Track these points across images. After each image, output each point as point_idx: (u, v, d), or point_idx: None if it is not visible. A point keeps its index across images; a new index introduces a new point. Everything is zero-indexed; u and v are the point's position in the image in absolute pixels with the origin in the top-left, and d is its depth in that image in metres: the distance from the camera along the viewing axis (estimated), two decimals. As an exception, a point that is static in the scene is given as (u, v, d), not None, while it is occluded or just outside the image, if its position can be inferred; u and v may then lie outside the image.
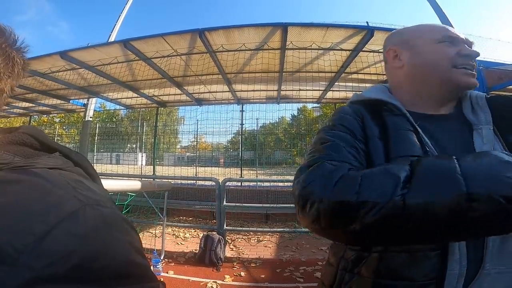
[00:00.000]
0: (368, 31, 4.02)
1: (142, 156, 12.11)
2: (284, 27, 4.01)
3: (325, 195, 0.48)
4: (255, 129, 9.46)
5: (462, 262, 0.53)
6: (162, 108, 8.65)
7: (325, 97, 7.05)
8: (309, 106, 17.47)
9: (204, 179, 6.59)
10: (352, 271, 0.62)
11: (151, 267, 2.81)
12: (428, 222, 0.41)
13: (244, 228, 4.64)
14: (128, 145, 13.87)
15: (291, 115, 17.68)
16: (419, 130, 0.63)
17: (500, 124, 0.65)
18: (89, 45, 4.72)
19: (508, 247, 0.54)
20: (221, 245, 3.45)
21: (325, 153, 0.59)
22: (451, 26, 5.91)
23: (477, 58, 0.70)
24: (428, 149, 0.60)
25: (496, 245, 0.53)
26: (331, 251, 0.73)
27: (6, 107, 8.44)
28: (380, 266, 0.58)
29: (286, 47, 4.45)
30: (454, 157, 0.44)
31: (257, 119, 8.76)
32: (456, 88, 0.68)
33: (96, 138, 10.34)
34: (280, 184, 6.99)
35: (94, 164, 9.28)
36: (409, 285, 0.54)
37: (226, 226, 3.99)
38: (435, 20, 6.47)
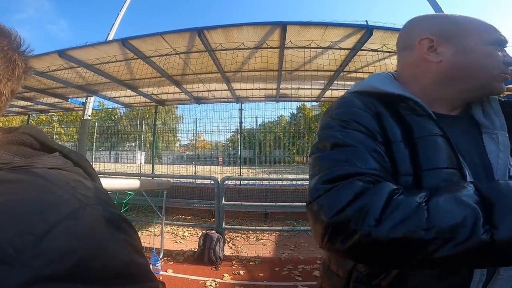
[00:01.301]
0: (367, 30, 4.01)
1: (141, 155, 12.10)
2: (283, 26, 4.00)
3: (374, 230, 0.41)
4: (254, 127, 9.46)
5: (483, 270, 0.52)
6: (161, 107, 8.64)
7: (324, 95, 7.04)
8: (308, 104, 17.51)
9: (203, 177, 6.61)
10: (369, 284, 0.57)
11: (150, 266, 2.82)
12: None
13: (243, 227, 4.64)
14: (127, 144, 13.85)
15: (290, 113, 17.66)
16: (448, 135, 0.55)
17: (510, 130, 0.61)
18: (87, 43, 4.71)
19: None
20: (220, 243, 3.45)
21: (348, 163, 0.50)
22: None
23: None
24: (459, 158, 0.54)
25: None
26: (333, 260, 0.68)
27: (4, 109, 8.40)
28: (402, 280, 0.53)
29: (285, 45, 4.44)
30: None
31: (256, 117, 8.77)
32: (490, 93, 0.63)
33: (95, 137, 10.32)
34: (279, 182, 7.01)
35: (93, 163, 9.26)
36: None
37: (225, 224, 4.00)
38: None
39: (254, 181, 7.50)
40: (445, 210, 0.40)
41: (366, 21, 4.23)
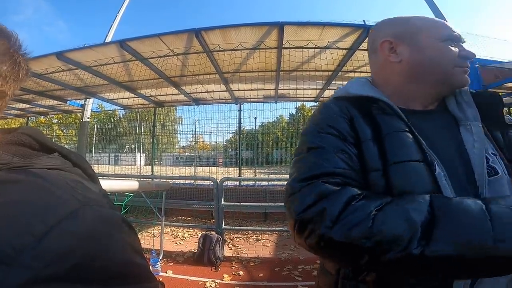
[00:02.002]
0: (365, 30, 4.03)
1: (140, 157, 12.09)
2: (280, 26, 4.01)
3: (329, 232, 0.46)
4: (254, 128, 9.46)
5: None
6: (160, 108, 8.64)
7: (322, 95, 7.05)
8: (307, 104, 17.50)
9: (202, 178, 6.59)
10: (355, 279, 0.59)
11: (150, 267, 2.80)
12: (444, 269, 0.42)
13: (242, 227, 4.64)
14: (127, 146, 13.84)
15: (289, 114, 17.66)
16: (414, 130, 0.59)
17: (486, 121, 0.64)
18: (85, 45, 4.71)
19: None
20: (219, 244, 3.45)
21: (318, 163, 0.56)
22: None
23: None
24: (426, 151, 0.57)
25: None
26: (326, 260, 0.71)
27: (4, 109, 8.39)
28: (387, 276, 0.56)
29: (283, 46, 4.45)
30: (481, 201, 0.44)
31: (255, 118, 8.75)
32: (453, 86, 0.67)
33: (94, 139, 10.31)
34: (279, 183, 6.99)
35: (93, 165, 9.25)
36: None
37: (225, 225, 3.99)
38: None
39: (254, 182, 7.50)
40: (389, 221, 0.44)
41: (364, 20, 4.25)
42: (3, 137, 0.39)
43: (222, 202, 3.94)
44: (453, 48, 0.65)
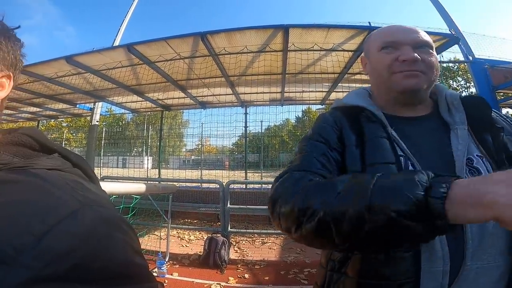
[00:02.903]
0: (370, 32, 3.98)
1: (148, 160, 12.17)
2: (285, 29, 4.01)
3: (284, 203, 0.54)
4: (260, 131, 9.44)
5: (445, 259, 0.55)
6: (167, 112, 8.70)
7: (329, 98, 7.01)
8: (314, 107, 17.41)
9: (208, 181, 6.61)
10: (339, 271, 0.65)
11: (156, 269, 2.80)
12: (340, 232, 0.45)
13: (248, 230, 4.63)
14: (134, 149, 13.96)
15: (296, 117, 17.56)
16: (392, 136, 0.65)
17: (473, 124, 0.67)
18: (94, 49, 4.78)
19: (486, 244, 0.55)
20: (225, 247, 3.45)
21: (299, 163, 0.65)
22: (454, 24, 5.77)
23: (483, 57, 0.71)
24: (400, 153, 0.63)
25: (475, 242, 0.55)
26: (322, 253, 0.75)
27: (15, 112, 8.58)
28: (363, 266, 0.60)
29: (288, 48, 4.45)
30: (378, 175, 0.47)
31: (261, 121, 8.73)
32: (397, 91, 0.69)
33: (103, 142, 10.44)
34: (285, 186, 6.94)
35: (101, 168, 9.38)
36: (389, 284, 0.56)
37: (231, 228, 3.99)
38: (438, 19, 6.42)
39: (260, 185, 7.47)
40: (317, 188, 0.52)
41: (369, 22, 4.23)
42: (3, 138, 0.39)
43: (228, 205, 3.94)
44: (387, 56, 0.69)
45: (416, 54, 0.66)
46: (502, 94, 5.75)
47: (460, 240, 0.56)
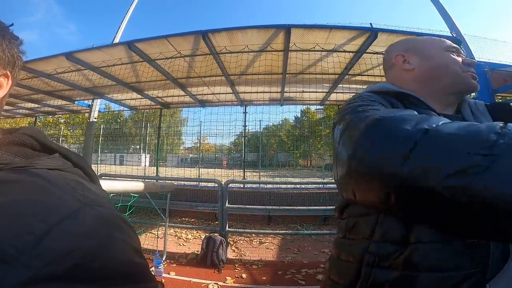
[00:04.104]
0: (372, 33, 4.01)
1: (145, 157, 12.15)
2: (287, 29, 4.01)
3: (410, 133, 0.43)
4: (258, 130, 9.45)
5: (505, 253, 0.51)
6: (166, 110, 8.69)
7: (328, 99, 7.04)
8: (313, 108, 17.45)
9: (207, 180, 6.60)
10: (382, 266, 0.56)
11: (153, 268, 2.78)
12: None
13: (246, 230, 4.63)
14: (132, 146, 13.93)
15: (295, 117, 17.63)
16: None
17: None
18: (94, 46, 4.77)
19: None
20: (223, 246, 3.44)
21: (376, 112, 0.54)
22: (455, 26, 5.78)
23: (482, 60, 0.73)
24: None
25: None
26: (341, 247, 0.68)
27: (12, 108, 8.53)
28: (426, 256, 0.52)
29: (289, 48, 4.45)
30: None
31: (260, 121, 8.74)
32: (464, 89, 0.72)
33: (100, 139, 10.40)
34: (283, 186, 6.98)
35: (98, 165, 9.35)
36: (452, 276, 0.50)
37: (228, 227, 3.99)
38: (439, 20, 6.44)
39: (258, 185, 7.48)
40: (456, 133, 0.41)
41: (371, 23, 4.22)
42: (4, 137, 0.39)
43: (226, 204, 3.94)
44: (456, 57, 0.73)
45: (475, 61, 0.73)
46: (500, 97, 5.79)
47: None
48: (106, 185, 2.32)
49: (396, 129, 0.45)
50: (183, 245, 4.25)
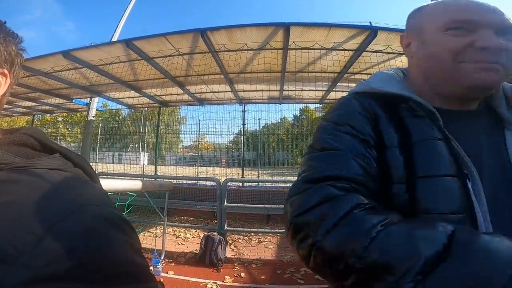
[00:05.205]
0: (371, 31, 3.99)
1: (144, 156, 12.14)
2: (286, 27, 4.00)
3: (322, 240, 0.40)
4: (257, 129, 9.44)
5: None
6: (164, 108, 8.67)
7: (327, 97, 7.03)
8: (312, 106, 17.46)
9: (206, 179, 6.61)
10: None
11: (151, 267, 2.78)
12: None
13: (245, 229, 4.63)
14: (131, 145, 13.92)
15: (293, 115, 17.62)
16: (451, 138, 0.50)
17: None
18: (91, 44, 4.74)
19: None
20: (221, 245, 3.44)
21: (328, 165, 0.49)
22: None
23: None
24: (464, 164, 0.48)
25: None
26: None
27: (10, 106, 8.49)
28: None
29: (289, 47, 4.44)
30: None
31: (259, 119, 8.74)
32: (465, 88, 0.52)
33: (98, 138, 10.37)
34: (282, 184, 6.98)
35: (97, 163, 9.32)
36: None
37: (227, 226, 3.98)
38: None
39: (257, 183, 7.48)
40: (390, 245, 0.35)
41: (370, 22, 4.21)
42: (5, 137, 0.39)
43: (225, 203, 3.93)
44: (456, 39, 0.52)
45: (502, 41, 0.49)
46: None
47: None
48: (105, 183, 2.30)
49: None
50: (182, 244, 4.25)
